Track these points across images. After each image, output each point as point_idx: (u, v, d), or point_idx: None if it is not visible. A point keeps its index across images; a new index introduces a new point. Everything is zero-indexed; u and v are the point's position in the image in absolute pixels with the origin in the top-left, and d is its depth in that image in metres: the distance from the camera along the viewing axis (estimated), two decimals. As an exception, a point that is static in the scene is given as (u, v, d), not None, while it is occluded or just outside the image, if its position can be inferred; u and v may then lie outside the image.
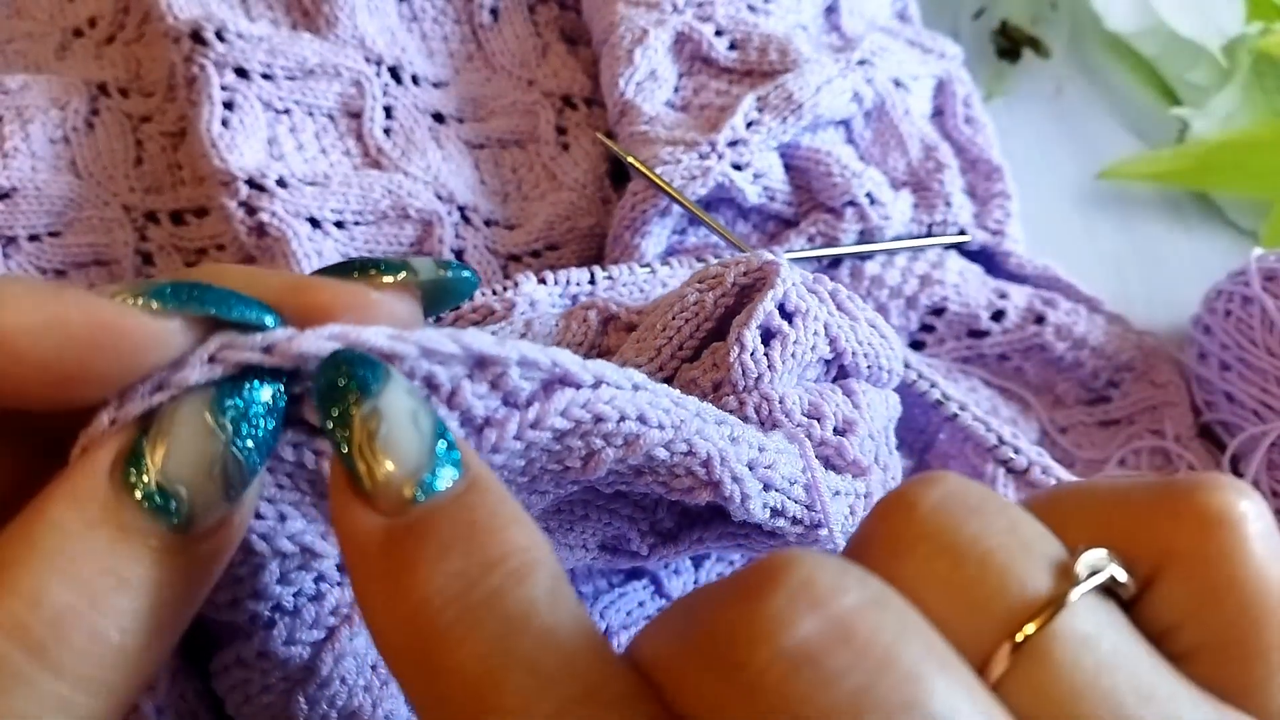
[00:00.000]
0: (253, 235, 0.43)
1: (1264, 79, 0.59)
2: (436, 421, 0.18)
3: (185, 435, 0.18)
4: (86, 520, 0.17)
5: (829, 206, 0.47)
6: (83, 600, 0.16)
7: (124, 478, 0.17)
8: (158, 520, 0.17)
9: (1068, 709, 0.15)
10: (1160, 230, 0.57)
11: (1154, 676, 0.16)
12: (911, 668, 0.14)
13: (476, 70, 0.52)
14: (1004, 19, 0.61)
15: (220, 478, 0.18)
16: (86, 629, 0.16)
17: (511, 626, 0.16)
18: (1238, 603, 0.17)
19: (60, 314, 0.17)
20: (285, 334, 0.19)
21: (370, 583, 0.17)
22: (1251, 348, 0.46)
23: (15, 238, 0.45)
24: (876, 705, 0.14)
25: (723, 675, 0.15)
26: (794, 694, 0.14)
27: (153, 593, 0.17)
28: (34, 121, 0.46)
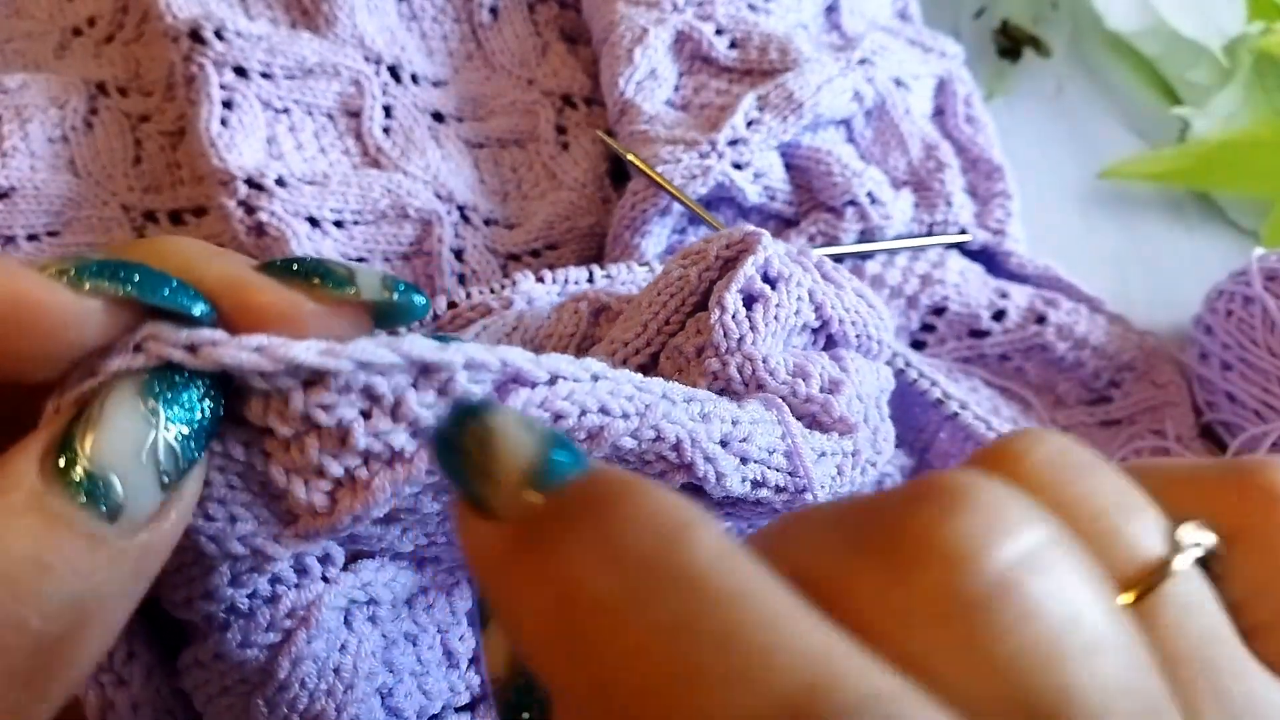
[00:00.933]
0: (251, 235, 0.43)
1: (1265, 78, 0.59)
2: (547, 430, 0.17)
3: (115, 422, 0.17)
4: (10, 506, 0.17)
5: (829, 206, 0.46)
6: (2, 587, 0.16)
7: (53, 465, 0.17)
8: (87, 508, 0.17)
9: (1171, 673, 0.15)
10: (1161, 230, 0.57)
11: (1244, 652, 0.16)
12: (1099, 603, 0.14)
13: (476, 69, 0.52)
14: (1005, 18, 0.61)
15: (152, 466, 0.18)
16: (3, 615, 0.16)
17: (682, 595, 0.14)
18: None
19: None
20: (210, 336, 0.19)
21: (503, 587, 0.15)
22: (1253, 348, 0.46)
23: (14, 237, 0.45)
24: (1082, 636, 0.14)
25: (916, 588, 0.14)
26: (998, 619, 0.14)
27: (80, 582, 0.17)
28: (33, 121, 0.46)
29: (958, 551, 0.14)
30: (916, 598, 0.14)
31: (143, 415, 0.18)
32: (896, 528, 0.15)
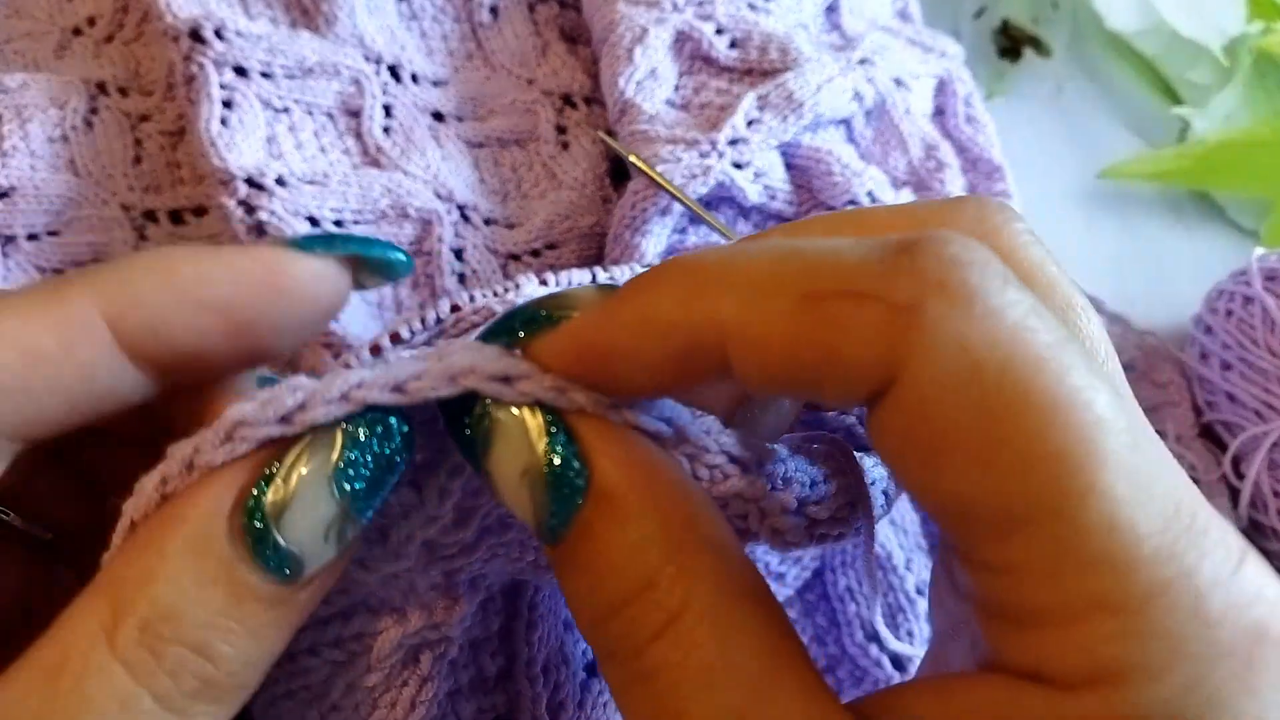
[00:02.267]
0: (251, 234, 0.43)
1: (1265, 78, 0.59)
2: (549, 477, 0.19)
3: (306, 499, 0.18)
4: (202, 577, 0.18)
5: (830, 205, 0.46)
6: (194, 651, 0.18)
7: (243, 533, 0.18)
8: (270, 576, 0.18)
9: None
10: (1161, 230, 0.57)
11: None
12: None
13: (476, 69, 0.52)
14: (1005, 18, 0.61)
15: (335, 538, 0.19)
16: (196, 673, 0.18)
17: (671, 672, 0.18)
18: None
19: (234, 261, 0.19)
20: (413, 371, 0.19)
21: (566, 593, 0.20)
22: (1253, 347, 0.46)
23: (14, 237, 0.45)
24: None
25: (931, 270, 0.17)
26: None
27: (257, 638, 0.19)
28: (33, 121, 0.46)
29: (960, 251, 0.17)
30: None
31: (333, 496, 0.19)
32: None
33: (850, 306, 0.17)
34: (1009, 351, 0.16)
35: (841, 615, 0.37)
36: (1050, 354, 0.16)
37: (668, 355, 0.19)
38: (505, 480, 0.19)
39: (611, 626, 0.18)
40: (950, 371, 0.16)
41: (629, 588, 0.18)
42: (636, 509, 0.18)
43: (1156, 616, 0.16)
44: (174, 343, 0.19)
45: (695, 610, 0.18)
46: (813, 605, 0.38)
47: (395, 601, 0.22)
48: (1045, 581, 0.16)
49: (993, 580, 0.17)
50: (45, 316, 0.18)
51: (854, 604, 0.37)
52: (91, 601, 0.18)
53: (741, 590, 0.18)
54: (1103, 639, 0.16)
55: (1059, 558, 0.16)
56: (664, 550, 0.18)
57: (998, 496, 0.16)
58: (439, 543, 0.22)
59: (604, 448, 0.19)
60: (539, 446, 0.19)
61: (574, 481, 0.19)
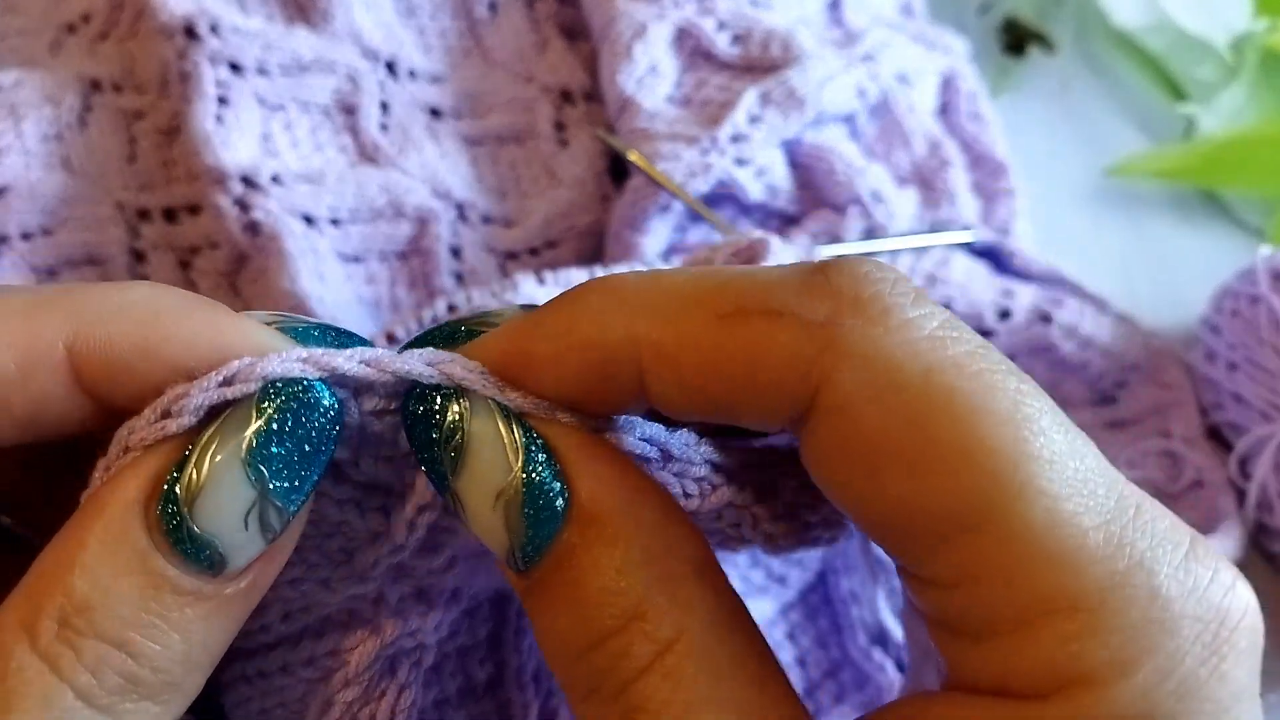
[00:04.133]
0: (246, 233, 0.43)
1: (1271, 75, 0.58)
2: (526, 498, 0.18)
3: (219, 483, 0.17)
4: (117, 568, 0.17)
5: (833, 204, 0.46)
6: (114, 646, 0.17)
7: (158, 523, 0.17)
8: (190, 568, 0.18)
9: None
10: (1167, 228, 0.57)
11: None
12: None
13: (474, 65, 0.51)
14: (1010, 14, 0.60)
15: (256, 526, 0.18)
16: (118, 669, 0.17)
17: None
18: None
19: (221, 332, 0.19)
20: (380, 352, 0.19)
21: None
22: (1259, 348, 0.45)
23: (8, 235, 0.44)
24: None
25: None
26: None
27: (184, 634, 0.18)
28: (27, 118, 0.46)
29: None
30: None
31: (247, 479, 0.18)
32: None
33: (766, 325, 0.17)
34: (929, 359, 0.16)
35: (844, 619, 0.37)
36: (971, 360, 0.16)
37: (585, 369, 0.18)
38: (477, 503, 0.18)
39: (593, 660, 0.18)
40: (872, 382, 0.16)
41: (615, 618, 0.17)
42: (623, 533, 0.18)
43: (1116, 611, 0.16)
44: (130, 390, 0.19)
45: (685, 642, 0.17)
46: (815, 608, 0.38)
47: (367, 614, 0.22)
48: (995, 588, 0.16)
49: (943, 597, 0.17)
50: (10, 337, 0.18)
51: (856, 607, 0.37)
52: (14, 599, 0.18)
53: (730, 621, 0.18)
54: (1064, 641, 0.16)
55: (1005, 560, 0.16)
56: (654, 578, 0.17)
57: (934, 501, 0.16)
58: (409, 565, 0.22)
59: (586, 466, 0.18)
60: (515, 465, 0.18)
61: (554, 504, 0.18)
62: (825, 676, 0.38)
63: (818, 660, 0.38)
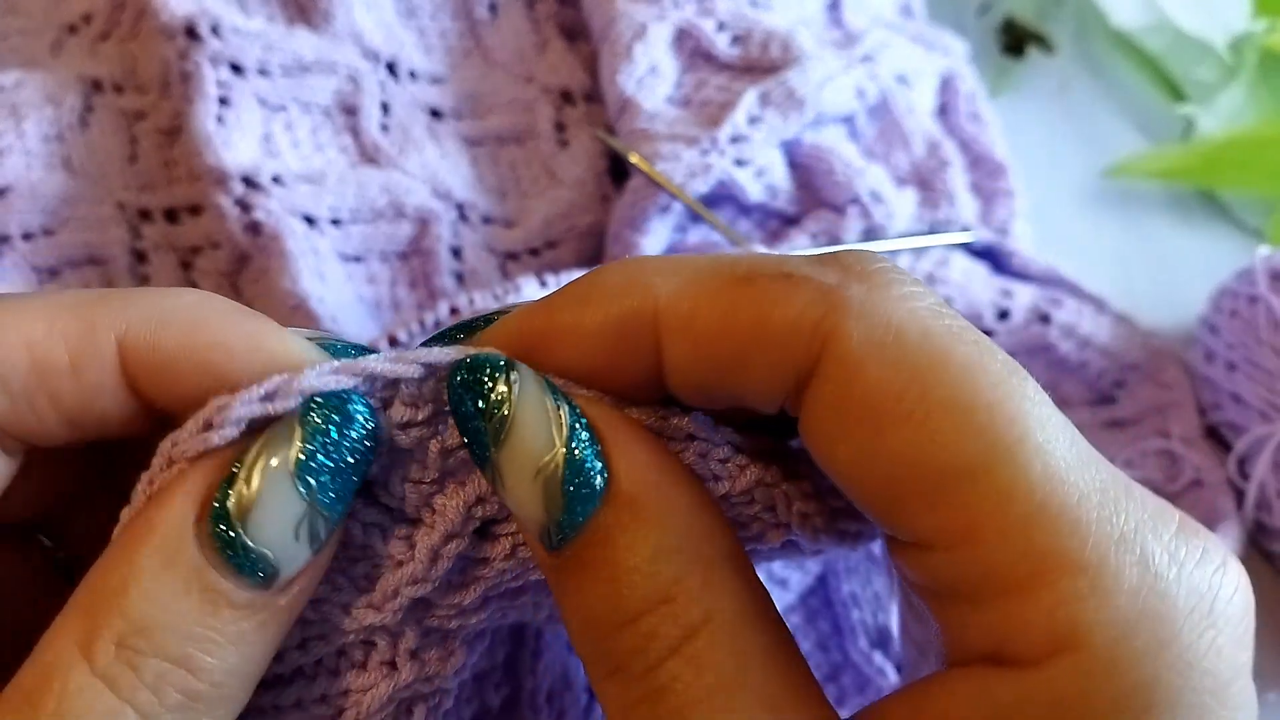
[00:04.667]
0: (247, 233, 0.43)
1: (1270, 76, 0.58)
2: (567, 474, 0.18)
3: (271, 498, 0.18)
4: (175, 587, 0.18)
5: (832, 204, 0.46)
6: (174, 663, 0.18)
7: (211, 539, 0.18)
8: (244, 581, 0.18)
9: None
10: (1166, 228, 0.57)
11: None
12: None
13: (474, 66, 0.51)
14: (1009, 15, 0.60)
15: (306, 536, 0.18)
16: (178, 686, 0.18)
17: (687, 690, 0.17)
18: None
19: (263, 344, 0.19)
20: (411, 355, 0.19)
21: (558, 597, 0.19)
22: (1258, 348, 0.45)
23: (9, 236, 0.44)
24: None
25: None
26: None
27: (239, 646, 0.18)
28: (28, 119, 0.46)
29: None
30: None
31: (297, 492, 0.18)
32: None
33: (782, 284, 0.18)
34: (928, 324, 0.17)
35: (845, 621, 0.37)
36: (964, 331, 0.17)
37: (604, 337, 0.19)
38: (517, 476, 0.18)
39: (621, 640, 0.18)
40: (875, 337, 0.17)
41: (646, 599, 0.17)
42: (659, 516, 0.18)
43: (1115, 573, 0.15)
44: (175, 392, 0.19)
45: (714, 627, 0.17)
46: (815, 611, 0.38)
47: (384, 655, 0.22)
48: (993, 546, 0.16)
49: (941, 561, 0.17)
50: (64, 330, 0.18)
51: (857, 610, 0.37)
52: (67, 620, 0.18)
53: (758, 609, 0.18)
54: (1063, 602, 0.15)
55: (1004, 516, 0.16)
56: (687, 562, 0.18)
57: (933, 454, 0.16)
58: (434, 601, 0.21)
59: (626, 448, 0.18)
60: (559, 440, 0.18)
61: (593, 481, 0.18)
62: (826, 680, 0.38)
63: (818, 663, 0.38)
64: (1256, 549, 0.46)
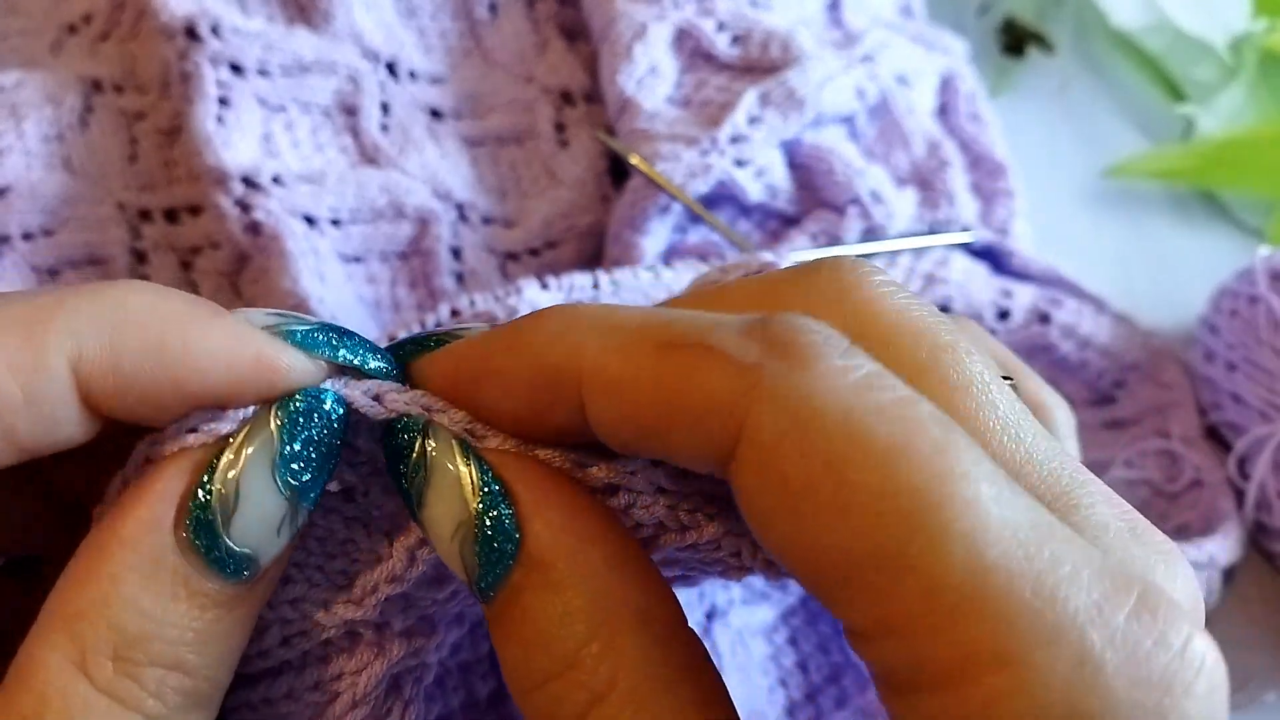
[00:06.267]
0: (247, 233, 0.43)
1: (1270, 76, 0.58)
2: (479, 536, 0.18)
3: (253, 500, 0.18)
4: (161, 597, 0.18)
5: (832, 204, 0.46)
6: (171, 668, 0.18)
7: (191, 547, 0.18)
8: (228, 580, 0.18)
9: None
10: (1166, 228, 0.57)
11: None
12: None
13: (474, 66, 0.51)
14: (1009, 15, 0.60)
15: (288, 530, 0.19)
16: (177, 687, 0.18)
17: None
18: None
19: (225, 343, 0.19)
20: (391, 386, 0.20)
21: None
22: (1258, 348, 0.45)
23: (9, 236, 0.44)
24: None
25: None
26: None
27: (224, 639, 0.19)
28: (28, 119, 0.46)
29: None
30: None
31: (277, 491, 0.18)
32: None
33: (698, 358, 0.17)
34: (850, 403, 0.16)
35: None
36: (895, 406, 0.16)
37: (531, 387, 0.19)
38: (436, 536, 0.19)
39: (537, 699, 0.18)
40: (790, 423, 0.16)
41: (554, 662, 0.18)
42: (568, 580, 0.18)
43: (1046, 667, 0.15)
44: (137, 408, 0.19)
45: (620, 693, 0.17)
46: (816, 613, 0.38)
47: (371, 638, 0.22)
48: (919, 640, 0.15)
49: (872, 649, 0.16)
50: (14, 361, 0.17)
51: None
52: (50, 638, 0.18)
53: (669, 672, 0.18)
54: (993, 699, 0.15)
55: (927, 609, 0.15)
56: (590, 626, 0.18)
57: (852, 544, 0.15)
58: (414, 596, 0.22)
59: (540, 509, 0.18)
60: (472, 503, 0.18)
61: (504, 545, 0.18)
62: (827, 681, 0.38)
63: (819, 665, 0.38)
64: (1256, 549, 0.46)
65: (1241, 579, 0.46)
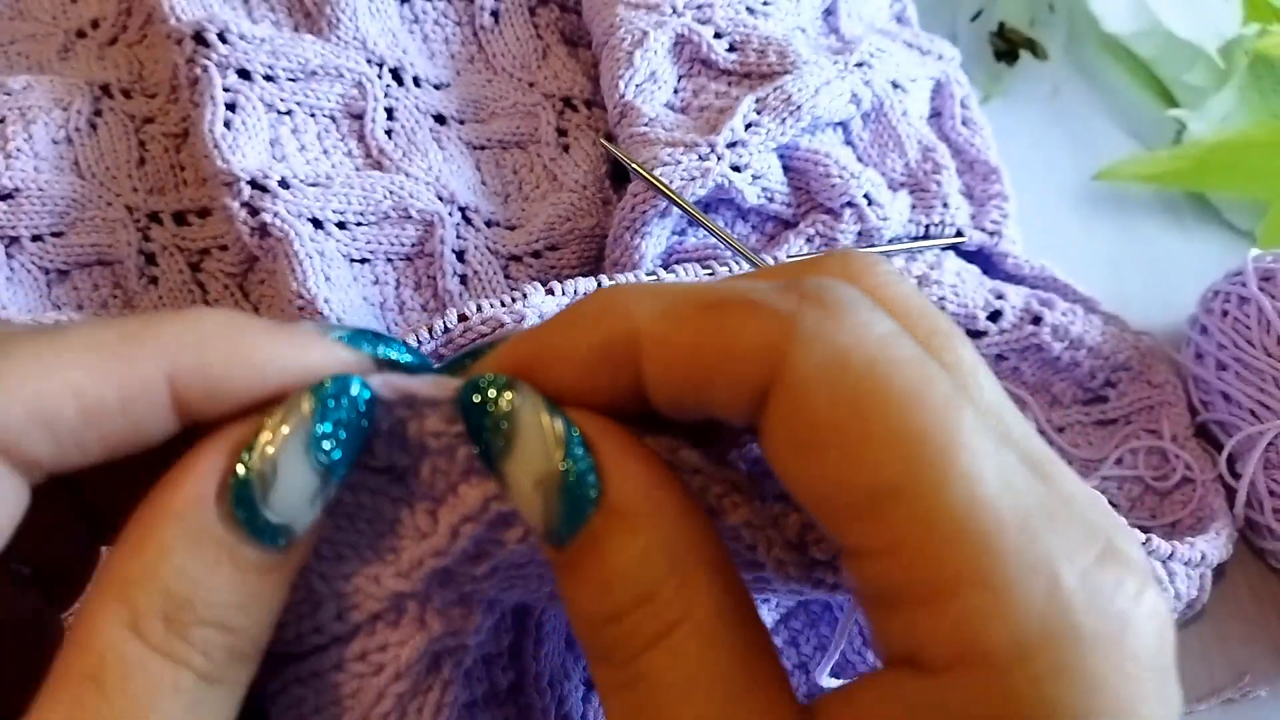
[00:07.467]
0: (255, 236, 0.44)
1: (1261, 80, 0.59)
2: (563, 486, 0.20)
3: (289, 475, 0.20)
4: (206, 563, 0.19)
5: (827, 207, 0.47)
6: (216, 628, 0.20)
7: (233, 518, 0.19)
8: (266, 547, 0.20)
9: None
10: (1157, 231, 0.57)
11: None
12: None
13: (478, 72, 0.52)
14: (1001, 21, 0.61)
15: (321, 502, 0.20)
16: (222, 645, 0.20)
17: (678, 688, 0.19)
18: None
19: (292, 345, 0.21)
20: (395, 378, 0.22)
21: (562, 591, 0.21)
22: (1248, 348, 0.46)
23: (18, 238, 0.45)
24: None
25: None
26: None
27: (264, 601, 0.20)
28: (37, 122, 0.46)
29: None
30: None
31: (313, 466, 0.20)
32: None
33: (743, 311, 0.19)
34: (874, 353, 0.18)
35: None
36: (911, 363, 0.18)
37: (592, 358, 0.20)
38: (520, 485, 0.20)
39: (609, 632, 0.19)
40: (822, 366, 0.18)
41: (631, 597, 0.19)
42: (645, 524, 0.19)
43: (1023, 596, 0.17)
44: (221, 409, 0.20)
45: (690, 623, 0.19)
46: (817, 615, 0.39)
47: (414, 613, 0.23)
48: (914, 557, 0.17)
49: (868, 566, 0.18)
50: (111, 375, 0.19)
51: (858, 614, 0.37)
52: (106, 604, 0.19)
53: (733, 611, 0.19)
54: (968, 616, 0.17)
55: (923, 533, 0.17)
56: (668, 566, 0.19)
57: (866, 476, 0.18)
58: (455, 571, 0.23)
59: (619, 461, 0.20)
60: (556, 455, 0.20)
61: (588, 493, 0.19)
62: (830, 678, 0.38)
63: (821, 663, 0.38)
64: (1247, 545, 0.47)
65: (1232, 576, 0.46)
